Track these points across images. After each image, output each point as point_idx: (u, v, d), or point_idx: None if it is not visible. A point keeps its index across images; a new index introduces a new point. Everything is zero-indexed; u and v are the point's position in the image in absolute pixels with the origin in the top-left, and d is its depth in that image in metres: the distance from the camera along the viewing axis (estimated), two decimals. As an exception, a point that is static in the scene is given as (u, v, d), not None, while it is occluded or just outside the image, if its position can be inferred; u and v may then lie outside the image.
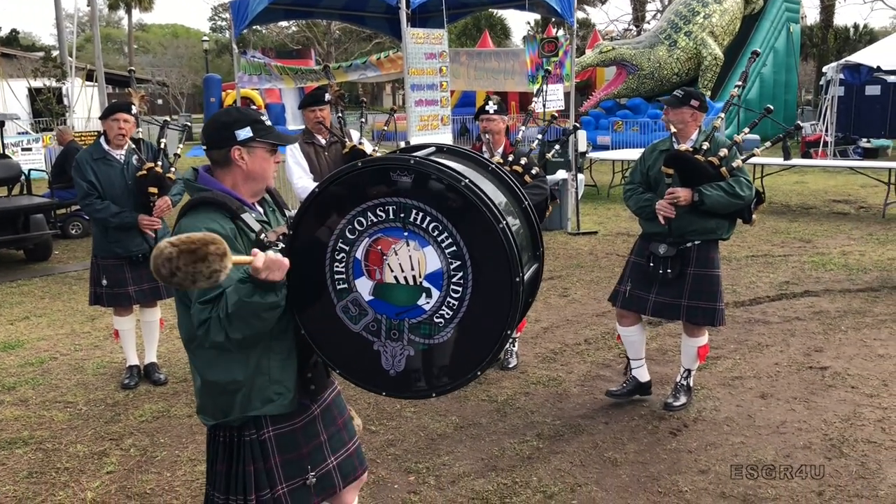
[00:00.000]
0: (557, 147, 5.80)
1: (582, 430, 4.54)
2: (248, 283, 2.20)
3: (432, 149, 2.57)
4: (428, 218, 2.29)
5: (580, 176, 10.91)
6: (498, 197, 2.46)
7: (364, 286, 2.38)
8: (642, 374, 4.93)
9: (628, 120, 22.04)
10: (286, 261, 2.21)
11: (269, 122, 2.54)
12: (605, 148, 19.70)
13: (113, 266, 5.14)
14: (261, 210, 2.59)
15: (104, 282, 5.14)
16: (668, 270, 4.57)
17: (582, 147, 10.93)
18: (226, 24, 53.92)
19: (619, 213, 12.08)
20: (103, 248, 5.14)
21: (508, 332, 2.31)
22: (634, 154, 13.78)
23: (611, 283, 7.74)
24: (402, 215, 2.31)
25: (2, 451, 4.40)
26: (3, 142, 10.91)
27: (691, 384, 4.89)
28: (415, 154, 2.40)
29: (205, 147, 2.50)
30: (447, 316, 2.33)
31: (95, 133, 16.35)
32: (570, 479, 3.96)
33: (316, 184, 2.80)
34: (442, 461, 4.19)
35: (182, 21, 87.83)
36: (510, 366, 5.50)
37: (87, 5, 27.21)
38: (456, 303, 2.32)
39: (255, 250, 2.21)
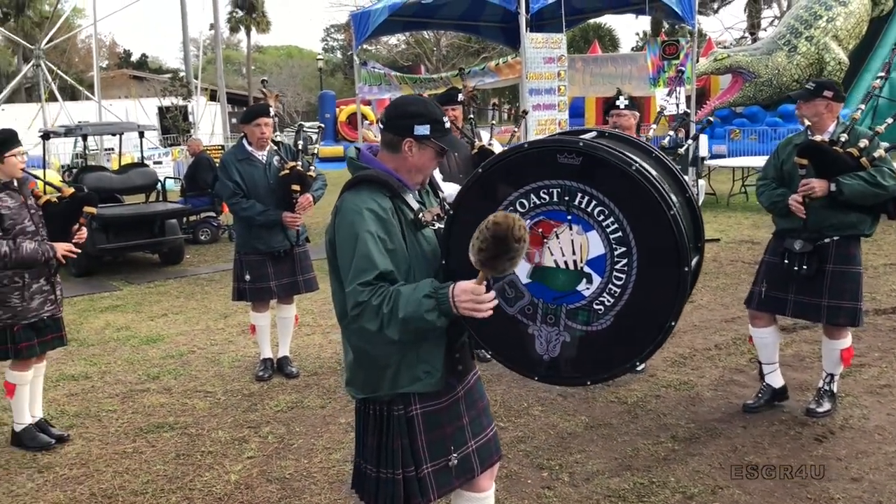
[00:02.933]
0: (688, 142, 5.65)
1: (719, 433, 4.38)
2: (431, 299, 2.26)
3: (594, 133, 2.54)
4: (594, 202, 2.24)
5: (701, 182, 10.61)
6: (664, 184, 2.40)
7: (522, 269, 2.36)
8: (776, 380, 4.72)
9: (745, 128, 21.28)
10: (485, 309, 2.25)
11: (448, 124, 2.52)
12: (720, 157, 19.08)
13: (256, 262, 5.36)
14: (416, 192, 2.63)
15: (247, 277, 5.36)
16: (804, 267, 4.34)
17: (703, 152, 10.63)
18: (337, 44, 55.63)
19: (740, 222, 11.66)
20: (247, 245, 5.37)
21: (673, 323, 2.25)
22: (755, 161, 13.29)
23: (737, 289, 7.48)
24: (566, 198, 2.27)
25: (151, 434, 4.64)
26: (142, 151, 11.59)
27: (835, 390, 4.64)
28: (583, 136, 2.38)
29: (381, 125, 2.55)
30: (608, 303, 2.28)
31: (219, 147, 17.17)
32: (710, 482, 3.83)
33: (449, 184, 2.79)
34: (574, 459, 4.13)
35: (296, 42, 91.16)
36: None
37: (210, 29, 28.77)
38: (618, 290, 2.26)
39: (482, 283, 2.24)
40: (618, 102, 4.95)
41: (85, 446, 4.50)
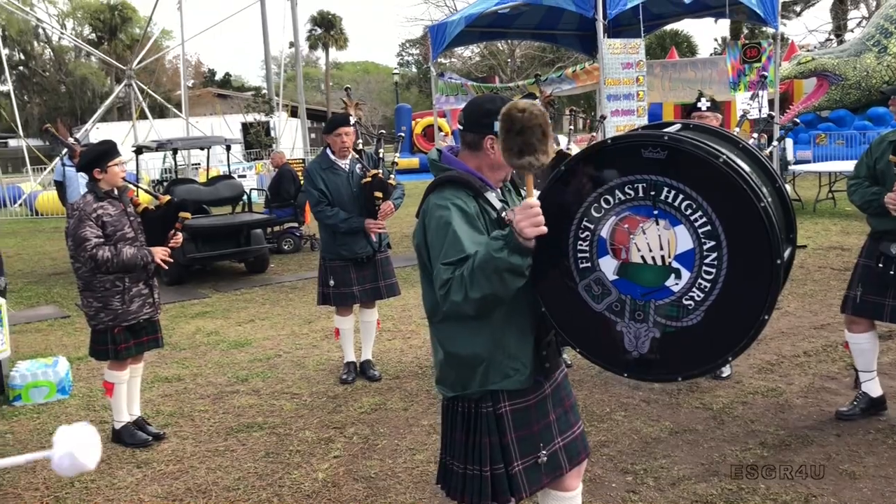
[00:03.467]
0: (773, 145, 5.52)
1: (810, 441, 4.25)
2: (499, 240, 2.24)
3: (679, 126, 2.53)
4: (681, 196, 2.22)
5: (787, 186, 10.30)
6: (753, 176, 2.36)
7: (608, 265, 2.36)
8: (874, 389, 4.54)
9: (832, 133, 20.54)
10: (542, 220, 2.20)
11: None
12: (805, 163, 18.47)
13: (339, 267, 5.50)
14: (499, 191, 2.66)
15: (331, 282, 5.50)
16: None
17: (790, 156, 10.32)
18: (412, 58, 56.29)
19: (828, 228, 11.27)
20: (331, 251, 5.51)
21: (766, 317, 2.21)
22: (842, 166, 12.83)
23: (826, 296, 7.24)
24: (652, 193, 2.25)
25: (241, 433, 4.80)
26: (228, 164, 12.00)
27: (937, 398, 4.45)
28: (667, 129, 2.37)
29: (461, 127, 2.61)
30: (697, 298, 2.25)
31: (300, 160, 17.61)
32: (803, 489, 3.72)
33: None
34: (659, 464, 4.08)
35: (372, 58, 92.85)
36: (723, 375, 5.27)
37: (290, 47, 29.60)
38: (708, 285, 2.23)
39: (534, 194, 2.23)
40: (699, 104, 4.89)
41: (180, 444, 4.69)
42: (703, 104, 4.88)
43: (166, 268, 4.62)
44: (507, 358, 2.53)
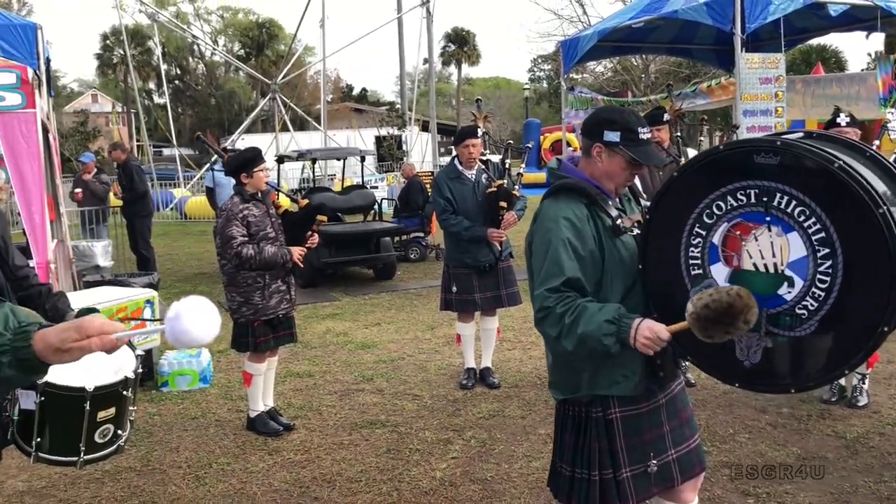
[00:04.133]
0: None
1: (955, 477, 3.99)
2: (613, 327, 2.34)
3: (800, 133, 2.49)
4: (794, 202, 2.17)
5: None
6: (878, 184, 2.27)
7: (720, 272, 2.34)
8: None
9: None
10: (657, 349, 2.34)
11: (646, 135, 2.56)
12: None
13: (462, 274, 5.64)
14: (616, 200, 2.69)
15: (454, 288, 5.66)
16: None
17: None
18: (543, 73, 56.32)
19: None
20: (454, 258, 5.67)
21: (885, 329, 2.14)
22: None
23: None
24: (764, 199, 2.22)
25: (365, 429, 5.01)
26: (362, 174, 12.48)
27: None
28: (782, 135, 2.34)
29: (581, 133, 2.68)
30: (811, 307, 2.19)
31: (430, 173, 18.02)
32: (943, 527, 3.51)
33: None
34: (784, 489, 3.94)
35: (503, 73, 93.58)
36: (859, 404, 5.01)
37: (424, 63, 30.38)
38: (822, 294, 2.17)
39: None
40: (838, 119, 4.72)
41: (308, 436, 4.95)
42: (843, 119, 4.71)
43: (302, 266, 4.90)
44: (615, 365, 2.54)
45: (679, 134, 5.58)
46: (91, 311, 2.16)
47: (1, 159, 6.26)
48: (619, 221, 2.55)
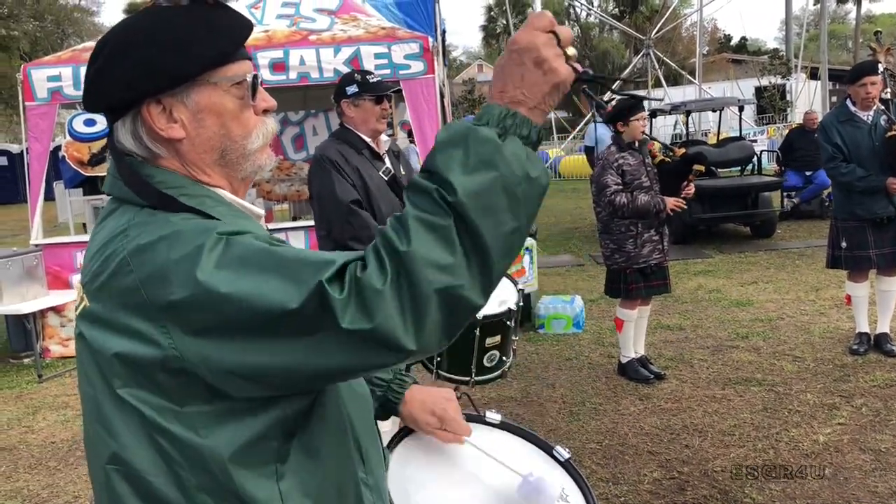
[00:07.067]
0: None
1: None
2: None
3: None
4: None
5: None
6: None
7: None
8: None
9: None
10: None
11: None
12: None
13: (854, 228, 5.11)
14: None
15: (843, 244, 5.15)
16: None
17: None
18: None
19: None
20: (844, 211, 5.15)
21: None
22: None
23: None
24: None
25: (739, 386, 4.85)
26: (740, 125, 11.83)
27: None
28: None
29: None
30: None
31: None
32: None
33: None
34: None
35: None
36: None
37: (815, 3, 27.39)
38: None
39: None
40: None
41: (678, 386, 4.95)
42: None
43: (672, 214, 4.84)
44: None
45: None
46: None
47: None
48: None
